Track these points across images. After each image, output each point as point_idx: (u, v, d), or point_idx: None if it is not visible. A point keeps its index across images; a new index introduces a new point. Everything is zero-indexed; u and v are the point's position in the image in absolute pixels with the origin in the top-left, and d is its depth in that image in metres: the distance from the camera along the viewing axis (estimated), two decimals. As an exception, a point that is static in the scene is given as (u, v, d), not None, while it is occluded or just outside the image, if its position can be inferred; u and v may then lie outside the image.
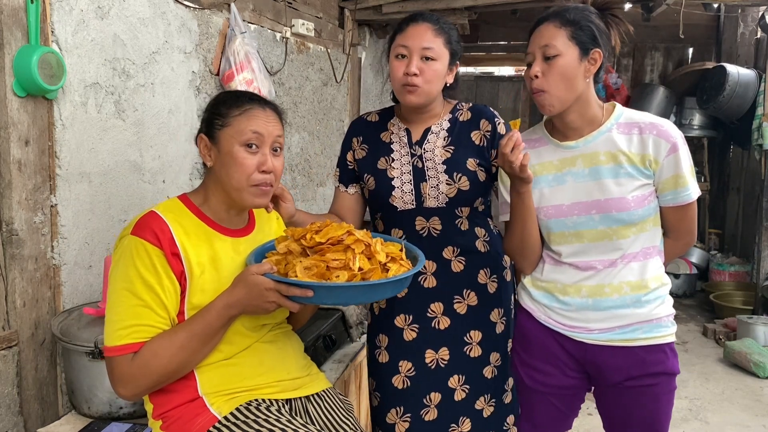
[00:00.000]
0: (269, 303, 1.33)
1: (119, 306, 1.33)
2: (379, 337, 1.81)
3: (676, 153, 1.54)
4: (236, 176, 1.40)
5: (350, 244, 1.38)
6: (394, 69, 1.70)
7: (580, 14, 1.56)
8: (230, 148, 1.39)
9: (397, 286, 1.42)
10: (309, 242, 1.39)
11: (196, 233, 1.40)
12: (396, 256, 1.43)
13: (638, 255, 1.60)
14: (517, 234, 1.66)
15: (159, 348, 1.31)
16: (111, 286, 1.36)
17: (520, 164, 1.51)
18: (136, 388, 1.33)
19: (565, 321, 1.65)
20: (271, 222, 1.63)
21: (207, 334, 1.35)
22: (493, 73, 7.69)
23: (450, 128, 1.78)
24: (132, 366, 1.31)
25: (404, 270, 1.40)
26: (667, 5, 3.94)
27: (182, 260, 1.36)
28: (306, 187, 3.69)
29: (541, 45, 1.55)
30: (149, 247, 1.32)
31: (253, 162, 1.40)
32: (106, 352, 1.34)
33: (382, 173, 1.76)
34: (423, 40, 1.66)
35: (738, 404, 3.50)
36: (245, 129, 1.40)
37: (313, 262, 1.35)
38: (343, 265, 1.34)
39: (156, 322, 1.33)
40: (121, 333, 1.31)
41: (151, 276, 1.32)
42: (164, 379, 1.34)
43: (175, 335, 1.33)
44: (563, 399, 1.72)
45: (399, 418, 1.75)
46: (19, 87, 1.70)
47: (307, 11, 3.57)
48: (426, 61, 1.66)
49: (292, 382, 1.51)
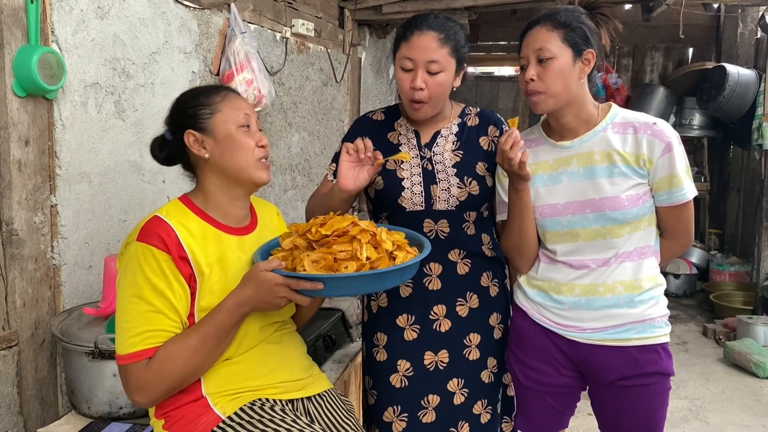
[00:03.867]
0: (279, 298, 1.33)
1: (130, 314, 1.32)
2: (377, 336, 1.80)
3: (671, 153, 1.54)
4: (243, 155, 1.43)
5: (356, 234, 1.38)
6: (400, 81, 1.68)
7: (571, 16, 1.57)
8: (228, 131, 1.43)
9: (406, 273, 1.42)
10: (314, 236, 1.39)
11: (201, 234, 1.40)
12: (402, 244, 1.44)
13: (632, 254, 1.61)
14: (514, 232, 1.67)
15: (173, 352, 1.31)
16: (120, 294, 1.35)
17: (519, 162, 1.51)
18: (153, 394, 1.32)
19: (559, 320, 1.66)
20: (272, 218, 1.64)
21: (220, 334, 1.35)
22: (493, 73, 7.69)
23: (459, 132, 1.78)
24: (147, 372, 1.30)
25: (411, 257, 1.40)
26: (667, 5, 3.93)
27: (191, 263, 1.35)
28: (306, 187, 3.69)
29: (535, 48, 1.55)
30: (157, 252, 1.32)
31: (252, 139, 1.45)
32: (119, 361, 1.33)
33: (391, 174, 1.76)
34: (428, 53, 1.62)
35: (738, 404, 3.50)
36: (237, 112, 1.45)
37: (320, 255, 1.35)
38: (351, 255, 1.35)
39: (169, 327, 1.33)
40: (135, 340, 1.30)
41: (160, 281, 1.31)
42: (179, 383, 1.34)
43: (188, 338, 1.32)
44: (558, 398, 1.73)
45: (396, 417, 1.75)
46: (19, 87, 1.70)
47: (307, 11, 3.57)
48: (432, 75, 1.64)
49: (295, 383, 1.51)
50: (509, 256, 1.78)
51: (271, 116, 3.22)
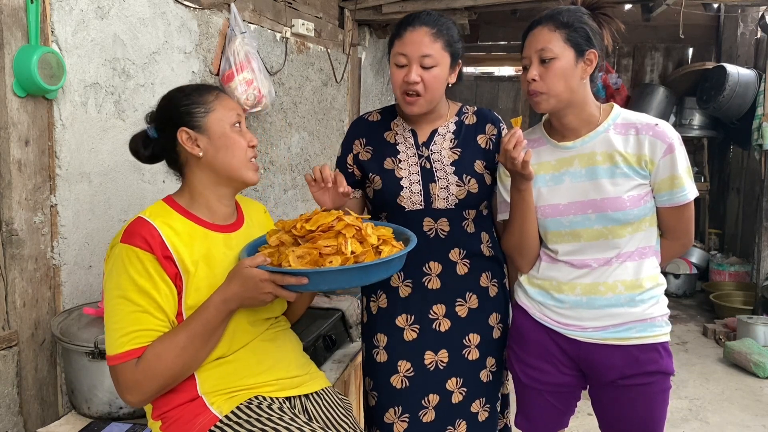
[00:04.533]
0: (265, 294, 1.33)
1: (117, 315, 1.33)
2: (377, 337, 1.80)
3: (672, 154, 1.55)
4: (236, 154, 1.45)
5: (341, 229, 1.39)
6: (394, 76, 1.68)
7: (574, 16, 1.57)
8: (223, 130, 1.45)
9: (391, 267, 1.42)
10: (300, 231, 1.40)
11: (187, 233, 1.41)
12: (387, 238, 1.44)
13: (633, 254, 1.61)
14: (516, 231, 1.67)
15: (162, 350, 1.31)
16: (106, 296, 1.36)
17: (522, 161, 1.52)
18: (143, 393, 1.33)
19: (560, 318, 1.66)
20: (259, 215, 1.65)
21: (207, 331, 1.35)
22: (493, 73, 7.68)
23: (456, 131, 1.78)
24: (136, 372, 1.31)
25: (397, 251, 1.40)
26: (667, 5, 3.94)
27: (175, 262, 1.36)
28: (306, 187, 3.68)
29: (537, 49, 1.56)
30: (140, 252, 1.33)
31: (244, 139, 1.48)
32: (109, 362, 1.34)
33: (389, 173, 1.76)
34: (421, 47, 1.63)
35: (738, 404, 3.50)
36: (229, 111, 1.47)
37: (305, 251, 1.36)
38: (336, 250, 1.36)
39: (156, 326, 1.33)
40: (123, 340, 1.31)
41: (145, 281, 1.32)
42: (170, 382, 1.35)
43: (176, 336, 1.33)
44: (559, 396, 1.73)
45: (397, 417, 1.75)
46: (19, 87, 1.70)
47: (307, 11, 3.57)
48: (426, 69, 1.64)
49: (291, 381, 1.51)
50: (510, 255, 1.78)
51: (271, 116, 3.22)
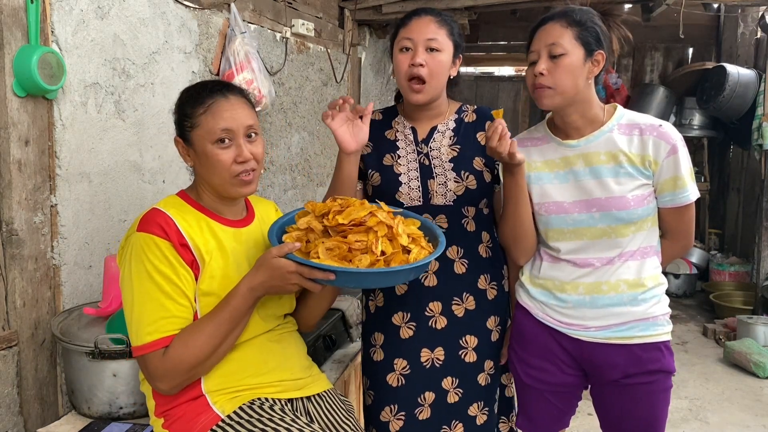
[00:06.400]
0: (292, 285, 1.35)
1: (141, 305, 1.34)
2: (375, 336, 1.81)
3: (676, 155, 1.56)
4: (216, 173, 1.42)
5: (372, 225, 1.39)
6: (398, 62, 1.70)
7: (586, 16, 1.59)
8: (204, 148, 1.41)
9: (418, 272, 1.44)
10: (331, 222, 1.40)
11: (198, 225, 1.43)
12: (417, 237, 1.45)
13: (636, 254, 1.62)
14: (510, 217, 1.68)
15: (189, 339, 1.33)
16: (126, 286, 1.37)
17: (509, 152, 1.53)
18: (173, 380, 1.34)
19: (562, 318, 1.66)
20: (270, 212, 1.65)
21: (234, 318, 1.37)
22: (493, 73, 7.69)
23: (456, 128, 1.79)
24: (165, 361, 1.32)
25: (425, 253, 1.42)
26: (667, 5, 3.94)
27: (191, 249, 1.38)
28: (306, 187, 3.69)
29: (548, 43, 1.56)
30: (158, 240, 1.34)
31: (228, 157, 1.40)
32: (135, 352, 1.35)
33: (388, 169, 1.77)
34: (427, 32, 1.67)
35: (738, 404, 3.51)
36: (213, 128, 1.39)
37: (335, 244, 1.36)
38: (365, 247, 1.36)
39: (180, 312, 1.35)
40: (148, 330, 1.32)
41: (166, 267, 1.34)
42: (199, 369, 1.36)
43: (202, 324, 1.35)
44: (560, 396, 1.73)
45: (393, 416, 1.75)
46: (19, 87, 1.70)
47: (307, 11, 3.57)
48: (431, 53, 1.67)
49: (294, 383, 1.51)
50: (506, 247, 1.78)
51: (271, 116, 3.22)
